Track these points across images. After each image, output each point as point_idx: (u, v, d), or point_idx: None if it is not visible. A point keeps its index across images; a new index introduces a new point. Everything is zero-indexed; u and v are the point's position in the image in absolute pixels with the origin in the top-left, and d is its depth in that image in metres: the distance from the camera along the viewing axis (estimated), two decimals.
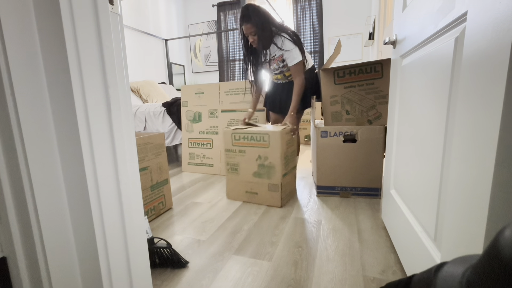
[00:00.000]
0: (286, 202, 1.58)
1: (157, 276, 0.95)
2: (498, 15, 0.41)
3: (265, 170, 1.52)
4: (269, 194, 1.54)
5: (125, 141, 0.62)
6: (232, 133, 1.58)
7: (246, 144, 1.55)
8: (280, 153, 1.47)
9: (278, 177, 1.49)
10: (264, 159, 1.51)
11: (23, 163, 0.52)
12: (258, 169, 1.54)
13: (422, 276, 0.25)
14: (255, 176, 1.56)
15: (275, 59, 1.70)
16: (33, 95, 0.51)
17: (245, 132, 1.54)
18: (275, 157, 1.48)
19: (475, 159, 0.46)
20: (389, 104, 1.13)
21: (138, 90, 3.27)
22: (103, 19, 0.55)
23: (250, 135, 1.53)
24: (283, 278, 0.91)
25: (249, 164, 1.56)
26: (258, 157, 1.53)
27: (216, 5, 4.72)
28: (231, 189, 1.65)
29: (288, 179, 1.62)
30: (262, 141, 1.50)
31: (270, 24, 1.61)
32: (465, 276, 0.19)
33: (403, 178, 0.93)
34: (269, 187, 1.53)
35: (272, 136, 1.47)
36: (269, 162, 1.50)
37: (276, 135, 1.46)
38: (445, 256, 0.59)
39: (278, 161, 1.48)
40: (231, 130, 1.59)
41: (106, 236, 0.58)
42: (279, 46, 1.62)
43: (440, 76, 0.63)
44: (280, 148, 1.46)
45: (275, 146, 1.47)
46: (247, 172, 1.58)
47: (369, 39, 3.58)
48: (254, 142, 1.52)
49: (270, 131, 1.47)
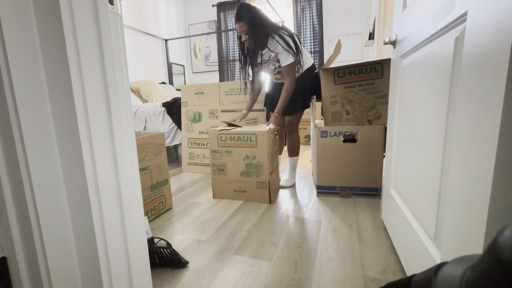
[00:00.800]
0: (274, 198, 1.63)
1: (157, 276, 0.95)
2: (498, 15, 0.41)
3: (253, 169, 1.56)
4: (258, 191, 1.58)
5: (125, 141, 0.62)
6: (218, 134, 1.60)
7: (233, 144, 1.58)
8: (268, 152, 1.52)
9: (266, 175, 1.54)
10: (252, 158, 1.55)
11: (23, 163, 0.52)
12: (246, 168, 1.58)
13: (422, 276, 0.25)
14: (242, 175, 1.59)
15: (271, 59, 1.69)
16: (33, 95, 0.51)
17: (232, 133, 1.57)
18: (263, 156, 1.53)
19: (475, 159, 0.46)
20: (389, 104, 1.13)
21: (138, 90, 3.27)
22: (103, 19, 0.55)
23: (237, 136, 1.56)
24: (283, 278, 0.91)
25: (236, 164, 1.59)
26: (245, 156, 1.56)
27: (216, 5, 4.72)
28: (218, 188, 1.67)
29: (274, 176, 1.66)
30: (250, 141, 1.54)
31: (263, 23, 1.59)
32: (465, 276, 0.19)
33: (403, 178, 0.93)
34: (257, 185, 1.57)
35: (260, 136, 1.51)
36: (257, 161, 1.54)
37: (263, 135, 1.50)
38: (445, 256, 0.59)
39: (266, 160, 1.52)
40: (217, 131, 1.60)
41: (106, 236, 0.58)
42: (272, 47, 1.61)
43: (440, 76, 0.63)
44: (267, 147, 1.51)
45: (263, 146, 1.51)
46: (235, 171, 1.61)
47: (369, 39, 3.58)
48: (241, 142, 1.56)
49: (258, 131, 1.52)
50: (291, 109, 1.75)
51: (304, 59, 1.71)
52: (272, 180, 1.60)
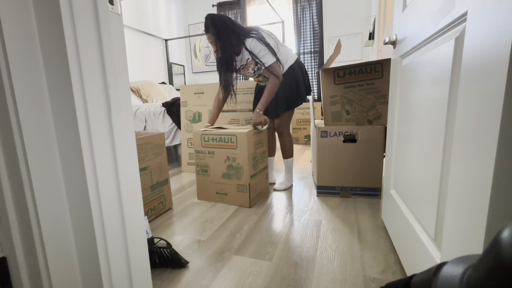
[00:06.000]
0: (255, 202, 1.59)
1: (157, 276, 0.95)
2: (498, 15, 0.41)
3: (234, 171, 1.53)
4: (238, 194, 1.55)
5: (125, 141, 0.62)
6: (201, 135, 1.58)
7: (215, 145, 1.56)
8: (248, 154, 1.48)
9: (247, 178, 1.50)
10: (232, 160, 1.52)
11: (23, 163, 0.52)
12: (227, 170, 1.55)
13: (422, 276, 0.25)
14: (224, 177, 1.57)
15: (249, 63, 1.66)
16: (33, 95, 0.51)
17: (214, 134, 1.54)
18: (242, 158, 1.49)
19: (475, 159, 0.46)
20: (389, 104, 1.13)
21: (138, 90, 3.27)
22: (103, 19, 0.55)
23: (219, 137, 1.53)
24: (283, 278, 0.91)
25: (218, 165, 1.57)
26: (226, 158, 1.54)
27: (216, 5, 4.72)
28: (202, 190, 1.65)
29: (258, 179, 1.62)
30: (230, 142, 1.51)
31: (229, 31, 1.55)
32: (465, 276, 0.19)
33: (403, 178, 0.93)
34: (237, 187, 1.54)
35: (239, 137, 1.48)
36: (237, 163, 1.51)
37: (243, 136, 1.46)
38: (445, 256, 0.59)
39: (246, 162, 1.48)
40: (200, 131, 1.58)
41: (106, 236, 0.58)
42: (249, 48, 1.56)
43: (440, 76, 0.63)
44: (247, 149, 1.47)
45: (243, 147, 1.48)
46: (217, 173, 1.58)
47: (369, 39, 3.58)
48: (223, 143, 1.53)
49: (237, 132, 1.48)
50: (276, 110, 1.71)
51: (284, 56, 1.66)
52: (253, 183, 1.56)
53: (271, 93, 1.58)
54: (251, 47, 1.56)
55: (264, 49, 1.55)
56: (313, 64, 4.35)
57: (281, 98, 1.68)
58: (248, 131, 1.48)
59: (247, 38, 1.56)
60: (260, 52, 1.55)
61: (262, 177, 1.69)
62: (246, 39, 1.56)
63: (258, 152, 1.61)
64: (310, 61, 4.36)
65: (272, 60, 1.55)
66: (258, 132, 1.60)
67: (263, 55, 1.55)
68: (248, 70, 1.70)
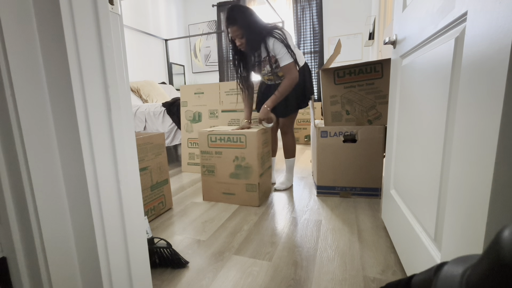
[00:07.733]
0: (262, 201, 1.59)
1: (157, 276, 0.95)
2: (498, 15, 0.41)
3: (243, 171, 1.53)
4: (246, 194, 1.55)
5: (125, 141, 0.62)
6: (208, 135, 1.57)
7: (223, 145, 1.55)
8: (257, 153, 1.48)
9: (256, 177, 1.51)
10: (241, 160, 1.52)
11: (23, 163, 0.52)
12: (235, 170, 1.55)
13: (422, 276, 0.25)
14: (232, 177, 1.56)
15: (267, 60, 1.62)
16: (33, 95, 0.51)
17: (221, 134, 1.54)
18: (252, 157, 1.49)
19: (475, 159, 0.46)
20: (389, 104, 1.13)
21: (138, 90, 3.27)
22: (103, 19, 0.55)
23: (227, 136, 1.53)
24: (283, 278, 0.91)
25: (226, 165, 1.56)
26: (235, 158, 1.53)
27: (216, 5, 4.72)
28: (207, 191, 1.64)
29: (264, 178, 1.63)
30: (239, 142, 1.50)
31: (257, 25, 1.52)
32: (465, 276, 0.19)
33: (403, 178, 0.93)
34: (246, 187, 1.54)
35: (249, 136, 1.48)
36: (246, 163, 1.51)
37: (253, 135, 1.47)
38: (445, 256, 0.59)
39: (255, 162, 1.49)
40: (207, 131, 1.58)
41: (106, 236, 0.58)
42: (269, 48, 1.54)
43: (440, 76, 0.63)
44: (256, 148, 1.48)
45: (252, 147, 1.48)
46: (224, 173, 1.58)
47: (369, 39, 3.58)
48: (231, 143, 1.53)
49: (247, 132, 1.48)
50: (285, 110, 1.70)
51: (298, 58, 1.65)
52: (262, 182, 1.57)
53: (284, 93, 1.56)
54: (273, 47, 1.52)
55: (285, 50, 1.52)
56: (313, 64, 4.35)
57: (292, 98, 1.67)
58: (258, 131, 1.48)
59: (270, 37, 1.52)
60: (280, 51, 1.52)
61: (267, 176, 1.70)
62: (269, 37, 1.52)
63: (265, 151, 1.62)
64: (310, 61, 4.36)
65: (290, 60, 1.53)
66: (265, 132, 1.59)
67: (282, 55, 1.52)
68: (266, 67, 1.66)
